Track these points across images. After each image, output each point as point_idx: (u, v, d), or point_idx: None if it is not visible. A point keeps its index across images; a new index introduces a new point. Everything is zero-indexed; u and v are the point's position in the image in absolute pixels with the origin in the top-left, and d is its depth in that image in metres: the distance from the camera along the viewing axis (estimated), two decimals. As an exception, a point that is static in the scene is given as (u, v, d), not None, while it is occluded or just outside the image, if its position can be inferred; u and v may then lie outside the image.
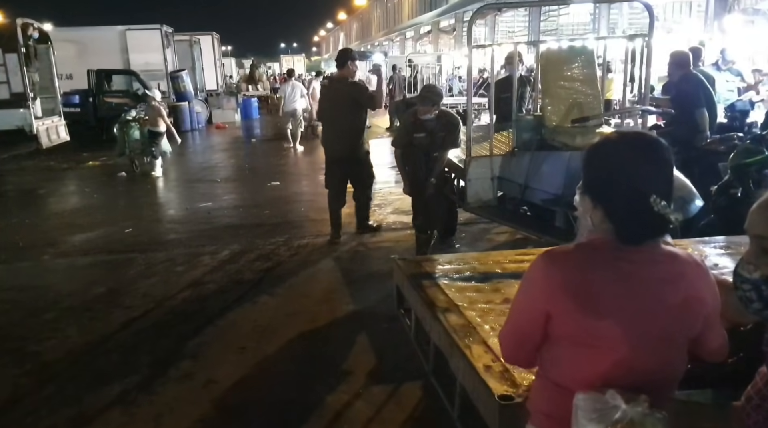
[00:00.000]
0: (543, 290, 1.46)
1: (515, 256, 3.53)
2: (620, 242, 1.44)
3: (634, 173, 1.42)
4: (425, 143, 5.65)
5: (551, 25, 28.62)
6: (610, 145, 1.51)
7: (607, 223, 1.45)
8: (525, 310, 1.54)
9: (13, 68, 11.23)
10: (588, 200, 1.48)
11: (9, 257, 6.69)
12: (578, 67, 5.42)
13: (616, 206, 1.43)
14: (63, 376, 4.03)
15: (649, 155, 1.45)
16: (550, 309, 1.45)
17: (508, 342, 1.63)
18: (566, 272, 1.44)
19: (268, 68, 48.85)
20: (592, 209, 1.48)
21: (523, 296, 1.55)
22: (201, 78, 22.37)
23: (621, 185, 1.42)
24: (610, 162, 1.46)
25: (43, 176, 12.30)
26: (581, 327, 1.42)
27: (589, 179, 1.50)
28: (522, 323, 1.55)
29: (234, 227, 7.79)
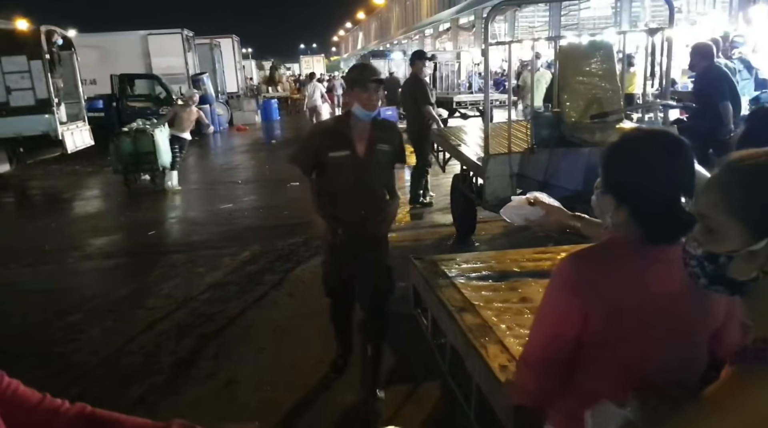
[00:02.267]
0: (578, 291, 1.40)
1: (533, 254, 3.51)
2: (648, 241, 1.41)
3: (663, 172, 1.39)
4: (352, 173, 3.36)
5: (572, 19, 28.38)
6: (635, 142, 1.46)
7: (632, 223, 1.42)
8: (560, 317, 1.44)
9: (37, 75, 11.40)
10: (610, 199, 1.44)
11: (35, 261, 6.82)
12: (597, 62, 5.35)
13: (645, 206, 1.40)
14: (87, 377, 4.09)
15: (675, 152, 1.41)
16: (587, 311, 1.39)
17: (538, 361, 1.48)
18: (597, 272, 1.41)
19: (287, 69, 49.13)
20: (615, 209, 1.44)
21: (555, 304, 1.46)
22: (222, 81, 22.56)
23: (650, 184, 1.39)
24: (636, 161, 1.42)
25: (68, 180, 12.52)
26: (612, 327, 1.39)
27: (612, 178, 1.45)
28: (557, 333, 1.45)
29: (254, 228, 7.85)
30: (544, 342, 1.47)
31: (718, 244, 1.10)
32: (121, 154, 10.24)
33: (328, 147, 3.36)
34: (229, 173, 12.26)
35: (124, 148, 10.22)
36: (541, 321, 1.50)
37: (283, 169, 12.48)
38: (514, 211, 2.37)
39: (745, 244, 1.06)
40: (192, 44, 20.03)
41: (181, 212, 9.36)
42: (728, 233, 1.08)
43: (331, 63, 70.65)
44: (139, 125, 10.69)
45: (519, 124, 6.44)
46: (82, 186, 12.07)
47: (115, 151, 10.31)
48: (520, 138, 5.86)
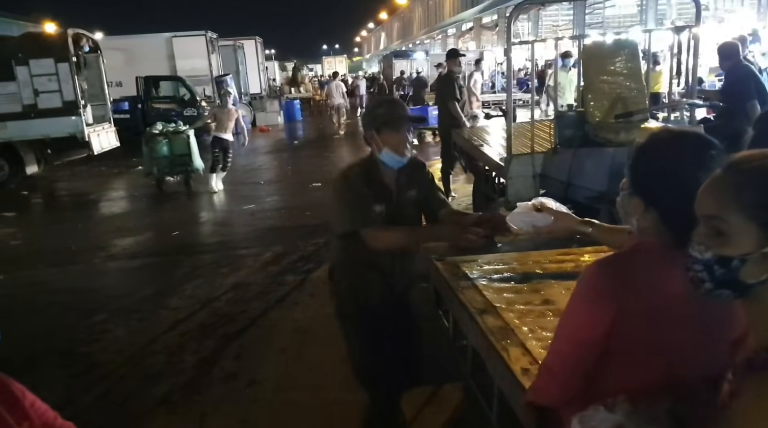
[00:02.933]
0: (606, 298, 1.37)
1: (556, 256, 3.45)
2: (678, 246, 1.38)
3: (695, 174, 1.32)
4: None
5: (597, 17, 28.09)
6: (665, 143, 1.42)
7: (660, 226, 1.38)
8: (586, 324, 1.41)
9: (65, 77, 11.57)
10: (638, 202, 1.41)
11: (62, 261, 6.92)
12: (622, 61, 5.28)
13: (674, 210, 1.35)
14: (112, 376, 4.14)
15: (706, 153, 1.37)
16: (615, 319, 1.35)
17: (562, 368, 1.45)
18: (625, 278, 1.37)
19: (310, 70, 49.36)
20: (643, 212, 1.40)
21: (581, 310, 1.43)
22: (245, 82, 22.71)
23: (680, 186, 1.33)
24: (667, 162, 1.38)
25: (95, 181, 12.71)
26: (640, 334, 1.36)
27: (640, 180, 1.41)
28: (583, 340, 1.42)
29: (276, 228, 7.90)
30: (569, 348, 1.44)
31: (730, 247, 1.07)
32: (156, 156, 10.20)
33: (373, 199, 2.76)
34: (252, 174, 12.32)
35: (159, 150, 10.20)
36: (566, 328, 1.47)
37: (306, 170, 12.61)
38: (521, 217, 2.33)
39: (760, 246, 1.03)
40: (216, 46, 20.20)
41: (205, 212, 9.44)
42: (741, 235, 1.05)
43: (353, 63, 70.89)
44: (162, 127, 10.73)
45: (542, 124, 6.38)
46: (107, 187, 12.25)
47: (149, 153, 10.27)
48: (543, 138, 5.80)
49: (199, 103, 16.81)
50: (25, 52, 11.52)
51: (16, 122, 11.60)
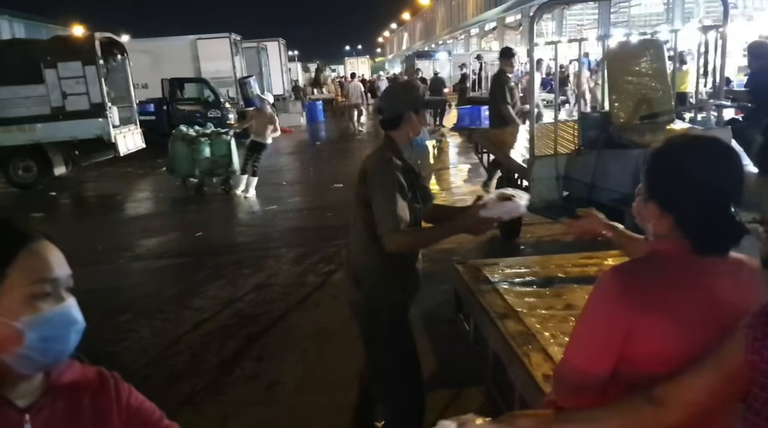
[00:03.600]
0: (622, 306, 1.34)
1: (578, 259, 3.43)
2: (695, 252, 1.35)
3: (712, 179, 1.33)
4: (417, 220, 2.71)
5: (622, 16, 27.75)
6: (681, 148, 1.40)
7: (677, 232, 1.36)
8: (603, 331, 1.38)
9: (92, 80, 11.76)
10: (654, 207, 1.39)
11: (89, 260, 7.02)
12: (647, 61, 5.21)
13: (692, 216, 1.34)
14: (137, 376, 4.18)
15: (724, 159, 1.36)
16: (631, 326, 1.33)
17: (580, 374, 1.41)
18: (641, 286, 1.35)
19: (332, 71, 49.52)
20: (659, 217, 1.38)
21: (597, 319, 1.41)
22: (268, 83, 22.88)
23: (695, 193, 1.33)
24: (683, 167, 1.36)
25: (121, 182, 12.89)
26: (657, 343, 1.33)
27: (656, 185, 1.40)
28: (599, 347, 1.39)
29: (298, 229, 7.94)
30: (583, 357, 1.42)
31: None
32: (198, 157, 10.13)
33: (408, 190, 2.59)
34: (274, 175, 12.38)
35: (202, 151, 10.16)
36: (581, 336, 1.44)
37: (327, 171, 12.67)
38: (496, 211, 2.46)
39: None
40: (239, 48, 20.37)
41: (228, 213, 9.51)
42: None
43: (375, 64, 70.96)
44: (187, 129, 10.82)
45: (566, 124, 6.32)
46: (133, 188, 12.42)
47: (189, 156, 10.13)
48: (566, 139, 5.75)
49: (222, 105, 16.95)
50: (54, 55, 11.73)
51: (45, 124, 11.82)
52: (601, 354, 1.38)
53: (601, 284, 1.40)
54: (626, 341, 1.34)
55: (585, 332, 1.43)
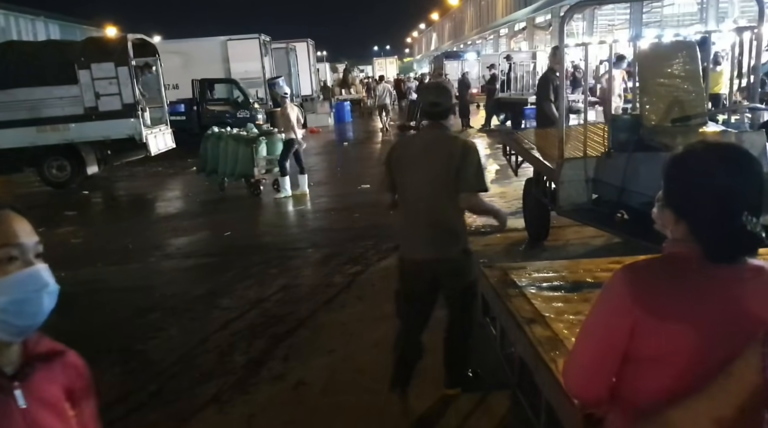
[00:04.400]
0: (629, 304, 1.35)
1: (607, 264, 3.39)
2: (709, 259, 1.35)
3: (724, 188, 1.32)
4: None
5: (654, 16, 27.28)
6: (696, 156, 1.40)
7: (691, 239, 1.37)
8: (607, 328, 1.41)
9: (124, 81, 11.96)
10: (670, 213, 1.40)
11: (120, 259, 7.16)
12: (679, 63, 5.13)
13: (703, 223, 1.34)
14: (165, 374, 4.25)
15: (738, 167, 1.35)
16: (635, 326, 1.35)
17: (583, 369, 1.46)
18: (650, 286, 1.36)
19: (361, 71, 49.62)
20: (675, 224, 1.39)
21: (603, 316, 1.43)
22: (297, 84, 23.00)
23: (709, 200, 1.33)
24: (696, 175, 1.36)
25: (151, 182, 13.10)
26: (661, 345, 1.34)
27: (672, 192, 1.41)
28: (603, 344, 1.42)
29: (325, 230, 7.97)
30: (589, 355, 1.45)
31: None
32: (257, 158, 10.09)
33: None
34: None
35: (261, 150, 10.17)
36: (587, 334, 1.47)
37: (355, 172, 12.70)
38: None
39: None
40: (269, 49, 20.52)
41: (255, 213, 9.58)
42: None
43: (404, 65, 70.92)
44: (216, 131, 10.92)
45: (596, 126, 6.25)
46: (163, 187, 12.60)
47: (249, 155, 10.05)
48: (596, 141, 5.68)
49: (251, 106, 17.10)
50: (88, 56, 11.97)
51: (78, 123, 12.06)
52: (606, 349, 1.40)
53: (612, 279, 1.42)
54: (631, 339, 1.35)
55: (593, 329, 1.46)
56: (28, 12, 38.91)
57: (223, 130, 11.05)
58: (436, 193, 3.28)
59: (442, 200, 3.28)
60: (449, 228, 3.33)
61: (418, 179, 3.31)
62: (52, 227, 9.01)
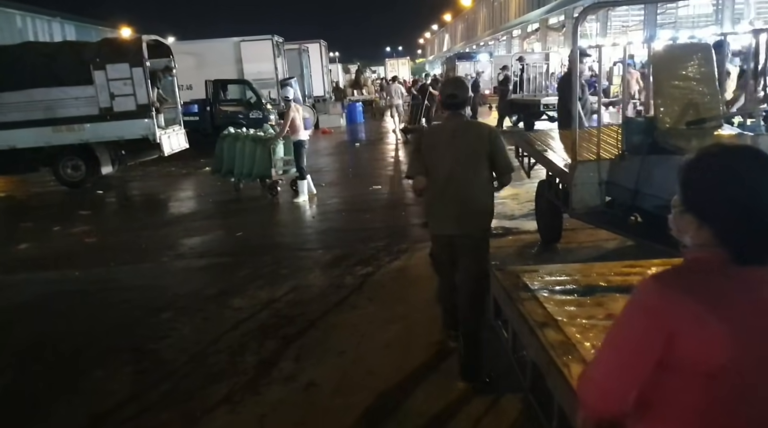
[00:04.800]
0: (661, 315, 1.32)
1: (621, 268, 3.36)
2: (736, 263, 1.33)
3: (751, 189, 1.31)
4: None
5: (669, 17, 27.10)
6: (717, 157, 1.38)
7: (716, 242, 1.34)
8: (638, 343, 1.36)
9: (138, 81, 12.05)
10: (691, 219, 1.37)
11: (133, 258, 7.20)
12: (695, 65, 5.09)
13: (730, 226, 1.32)
14: (177, 374, 4.27)
15: (762, 167, 1.33)
16: (673, 337, 1.31)
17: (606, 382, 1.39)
18: (680, 296, 1.32)
19: (373, 72, 49.63)
20: (697, 229, 1.37)
21: (633, 328, 1.38)
22: (309, 85, 23.07)
23: (735, 202, 1.31)
24: (721, 177, 1.34)
25: (164, 182, 13.18)
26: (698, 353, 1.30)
27: (693, 197, 1.38)
28: (633, 358, 1.37)
29: (336, 231, 7.98)
30: (614, 368, 1.39)
31: None
32: (275, 158, 10.14)
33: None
34: (314, 176, 12.41)
35: (278, 151, 10.20)
36: (613, 347, 1.41)
37: (366, 172, 12.71)
38: None
39: None
40: (282, 50, 20.59)
41: (267, 213, 9.62)
42: None
43: (416, 65, 70.83)
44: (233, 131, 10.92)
45: (609, 129, 6.21)
46: (176, 187, 12.68)
47: (267, 157, 10.08)
48: (610, 144, 5.65)
49: (264, 106, 17.16)
50: (103, 57, 12.06)
51: (93, 124, 12.16)
52: (635, 363, 1.36)
53: (639, 291, 1.38)
54: (668, 348, 1.31)
55: (620, 342, 1.40)
56: (45, 13, 39.30)
57: (239, 130, 11.08)
58: (464, 172, 3.77)
59: (470, 179, 3.78)
60: (476, 205, 3.81)
61: (448, 161, 3.78)
62: (67, 226, 9.10)
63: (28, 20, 37.59)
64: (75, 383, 4.23)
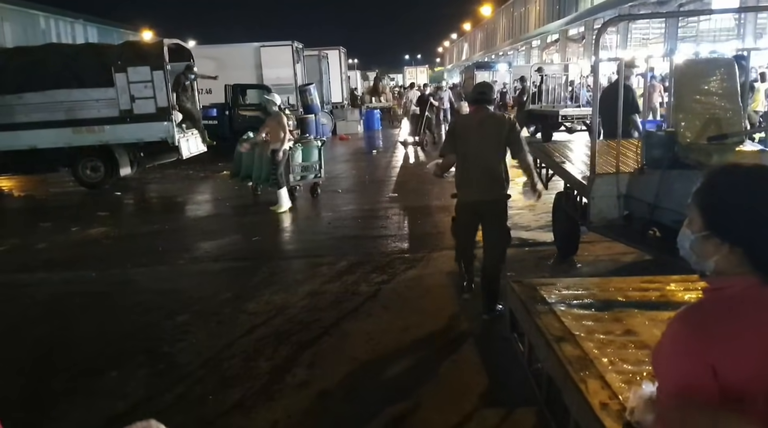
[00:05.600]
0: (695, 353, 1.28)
1: (639, 284, 3.33)
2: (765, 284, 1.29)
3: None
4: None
5: (690, 31, 26.91)
6: (739, 179, 1.35)
7: (746, 265, 1.30)
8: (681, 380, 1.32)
9: (159, 85, 12.14)
10: (717, 242, 1.33)
11: (150, 261, 7.25)
12: (717, 81, 5.05)
13: (764, 247, 1.29)
14: (190, 378, 4.28)
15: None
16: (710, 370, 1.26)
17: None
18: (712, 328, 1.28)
19: (391, 80, 49.74)
20: (723, 254, 1.32)
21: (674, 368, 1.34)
22: (327, 91, 23.16)
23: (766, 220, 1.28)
24: (748, 197, 1.31)
25: (182, 185, 13.27)
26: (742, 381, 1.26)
27: (718, 219, 1.34)
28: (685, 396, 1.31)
29: (352, 237, 7.98)
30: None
31: None
32: (293, 164, 10.04)
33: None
34: (330, 182, 12.48)
35: (296, 157, 10.18)
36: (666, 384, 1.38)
37: (382, 179, 12.72)
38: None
39: None
40: (301, 56, 20.70)
41: (283, 219, 9.63)
42: None
43: (434, 74, 70.90)
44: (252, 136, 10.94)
45: (629, 142, 6.17)
46: (194, 191, 12.76)
47: (289, 163, 9.94)
48: (629, 157, 5.62)
49: (282, 111, 17.18)
50: (124, 59, 12.17)
51: (113, 125, 12.27)
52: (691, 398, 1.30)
53: (670, 332, 1.35)
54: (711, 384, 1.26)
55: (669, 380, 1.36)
56: (68, 15, 39.89)
57: (250, 134, 11.11)
58: (488, 153, 4.88)
59: (492, 158, 4.89)
60: (496, 177, 4.94)
61: (476, 144, 4.90)
62: (85, 227, 9.18)
63: (52, 22, 38.17)
64: (90, 384, 4.26)
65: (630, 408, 1.95)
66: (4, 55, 13.24)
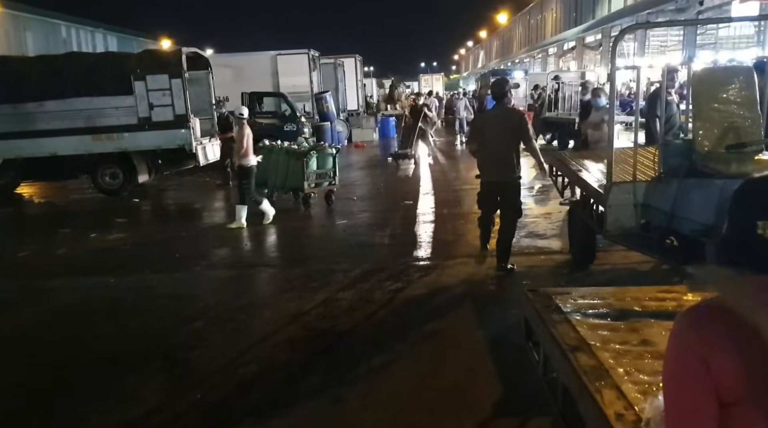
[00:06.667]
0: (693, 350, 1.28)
1: (656, 293, 3.29)
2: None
3: None
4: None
5: (709, 38, 26.65)
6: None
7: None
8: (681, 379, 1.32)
9: (177, 92, 12.28)
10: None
11: (167, 267, 7.31)
12: (735, 89, 5.00)
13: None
14: (206, 384, 4.31)
15: None
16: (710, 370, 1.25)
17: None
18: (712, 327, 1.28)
19: (407, 87, 49.81)
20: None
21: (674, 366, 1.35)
22: (343, 98, 23.27)
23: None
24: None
25: (199, 191, 13.39)
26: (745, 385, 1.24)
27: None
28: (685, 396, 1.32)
29: (366, 245, 7.99)
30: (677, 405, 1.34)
31: None
32: (308, 171, 10.11)
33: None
34: (345, 189, 12.51)
35: (311, 164, 10.25)
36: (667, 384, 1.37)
37: (397, 186, 12.74)
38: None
39: None
40: (317, 64, 20.84)
41: (299, 225, 9.68)
42: None
43: (450, 81, 70.95)
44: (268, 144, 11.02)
45: (646, 150, 6.13)
46: (210, 197, 12.87)
47: (300, 169, 10.06)
48: (646, 166, 5.58)
49: (298, 119, 17.32)
50: (143, 68, 12.33)
51: (132, 133, 12.42)
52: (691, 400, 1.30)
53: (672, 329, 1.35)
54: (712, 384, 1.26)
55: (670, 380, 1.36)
56: (89, 24, 40.47)
57: (275, 143, 11.21)
58: (503, 142, 6.13)
59: (507, 146, 6.13)
60: (510, 163, 6.14)
61: (494, 135, 6.13)
62: (104, 233, 9.29)
63: (73, 31, 38.75)
64: (107, 389, 4.30)
65: (646, 419, 1.96)
66: (26, 63, 13.46)
